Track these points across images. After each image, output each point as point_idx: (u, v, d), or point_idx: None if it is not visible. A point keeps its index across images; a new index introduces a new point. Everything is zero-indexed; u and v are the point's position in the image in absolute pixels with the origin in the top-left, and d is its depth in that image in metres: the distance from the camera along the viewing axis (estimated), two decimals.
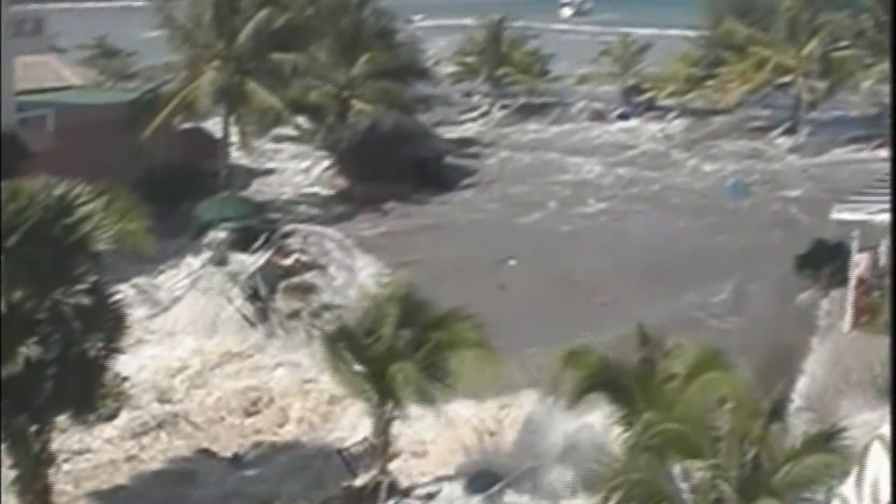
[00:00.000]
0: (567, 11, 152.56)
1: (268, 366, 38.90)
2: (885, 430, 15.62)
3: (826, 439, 21.17)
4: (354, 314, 30.19)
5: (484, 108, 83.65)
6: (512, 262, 43.11)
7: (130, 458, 32.97)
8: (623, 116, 79.26)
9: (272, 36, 53.05)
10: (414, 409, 29.62)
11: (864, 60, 68.18)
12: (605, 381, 24.60)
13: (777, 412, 21.86)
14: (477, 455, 32.19)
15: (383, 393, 28.82)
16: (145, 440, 33.83)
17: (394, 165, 56.47)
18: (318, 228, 49.60)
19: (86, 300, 25.76)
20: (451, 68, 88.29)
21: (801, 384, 33.30)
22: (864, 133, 68.31)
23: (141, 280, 43.97)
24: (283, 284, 43.24)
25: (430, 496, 30.11)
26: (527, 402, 33.66)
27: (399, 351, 28.85)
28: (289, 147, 66.27)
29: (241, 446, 33.76)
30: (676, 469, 21.42)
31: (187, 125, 56.13)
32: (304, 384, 37.22)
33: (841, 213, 38.08)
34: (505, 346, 29.68)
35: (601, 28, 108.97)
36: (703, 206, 53.39)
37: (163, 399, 36.65)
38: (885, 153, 60.92)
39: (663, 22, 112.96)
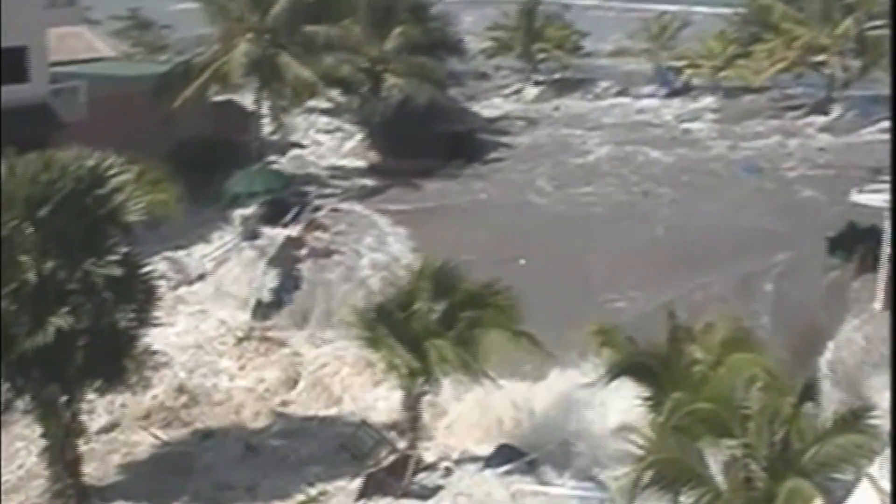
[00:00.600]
0: None
1: (294, 343, 38.81)
2: None
3: (855, 419, 21.08)
4: (386, 290, 30.21)
5: (517, 86, 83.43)
6: (522, 262, 42.15)
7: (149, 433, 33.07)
8: (657, 95, 78.74)
9: (306, 9, 52.96)
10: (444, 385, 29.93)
11: None
12: (635, 364, 24.52)
13: (807, 392, 21.77)
14: (503, 431, 32.23)
15: (415, 369, 28.90)
16: (165, 415, 33.86)
17: (426, 140, 56.35)
18: (348, 204, 49.57)
19: (117, 271, 25.90)
20: (482, 44, 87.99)
21: (832, 364, 33.20)
22: None
23: (172, 252, 44.05)
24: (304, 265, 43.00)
25: (450, 470, 30.17)
26: (555, 381, 33.63)
27: (432, 327, 28.92)
28: (321, 120, 66.22)
29: (263, 423, 33.71)
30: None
31: (220, 98, 56.13)
32: (330, 362, 37.19)
33: (859, 197, 37.96)
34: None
35: (626, 4, 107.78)
36: (724, 186, 52.78)
37: (187, 373, 36.65)
38: None
39: None
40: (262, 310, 40.73)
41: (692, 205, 48.83)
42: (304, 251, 43.50)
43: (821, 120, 68.63)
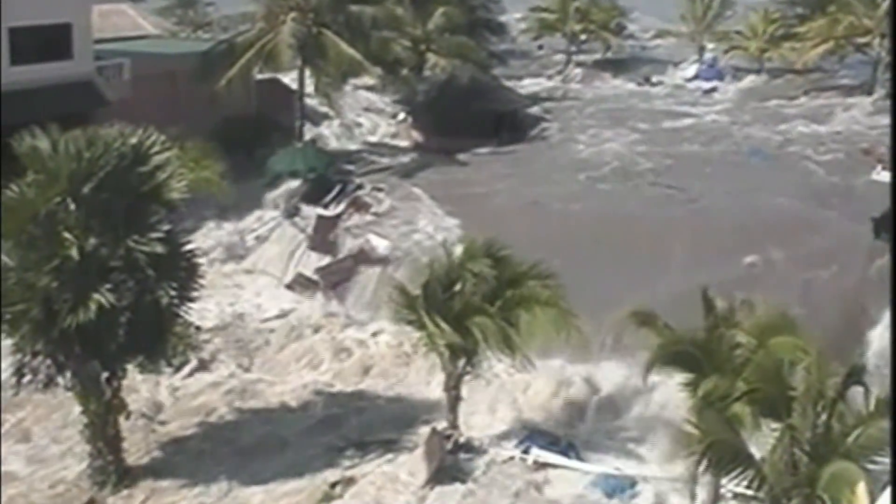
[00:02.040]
0: None
1: (337, 322, 38.84)
2: None
3: None
4: (429, 269, 30.10)
5: (559, 66, 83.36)
6: None
7: (198, 406, 33.20)
8: (699, 79, 78.29)
9: None
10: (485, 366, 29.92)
11: None
12: (677, 351, 24.37)
13: (854, 375, 21.57)
14: (540, 414, 32.21)
15: (457, 348, 28.87)
16: (212, 389, 34.00)
17: (468, 119, 56.28)
18: (392, 182, 49.42)
19: (159, 248, 25.92)
20: (526, 24, 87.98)
21: (876, 347, 32.91)
22: None
23: (214, 228, 44.24)
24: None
25: (485, 452, 30.14)
26: (593, 365, 33.56)
27: (476, 306, 28.85)
28: (365, 97, 66.20)
29: (300, 403, 33.76)
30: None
31: (263, 76, 56.13)
32: (372, 342, 37.17)
33: (880, 175, 37.51)
34: None
35: None
36: (747, 171, 51.84)
37: (227, 351, 36.74)
38: None
39: None
40: (305, 289, 40.87)
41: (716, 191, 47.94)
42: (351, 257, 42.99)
43: (862, 101, 68.27)
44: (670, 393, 26.71)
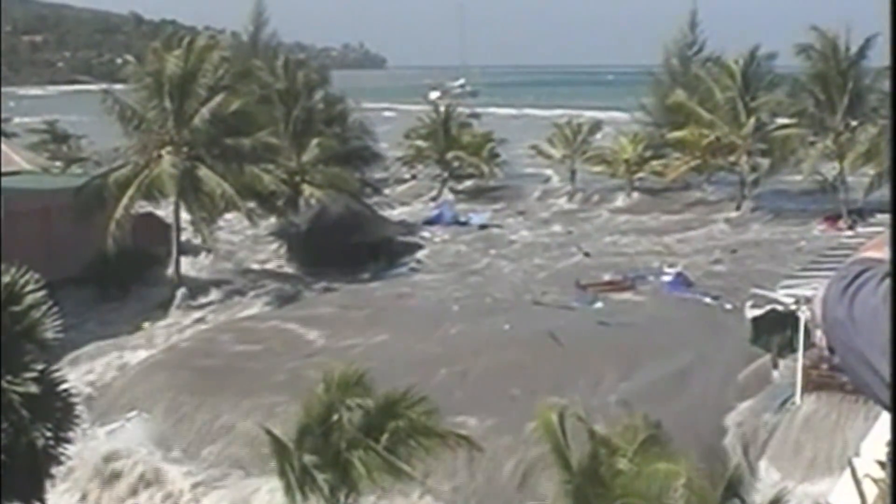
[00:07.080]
0: (434, 94, 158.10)
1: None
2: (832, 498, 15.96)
3: None
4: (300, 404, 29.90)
5: (433, 193, 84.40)
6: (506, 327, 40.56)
7: None
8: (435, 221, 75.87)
9: (224, 121, 53.18)
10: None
11: (807, 138, 69.29)
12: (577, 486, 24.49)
13: (730, 489, 22.00)
14: None
15: (336, 484, 28.66)
16: None
17: (343, 249, 56.56)
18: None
19: (34, 388, 25.67)
20: (400, 152, 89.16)
21: (753, 455, 33.66)
22: (806, 209, 70.07)
23: (87, 364, 43.54)
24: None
25: None
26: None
27: (354, 438, 28.72)
28: (241, 229, 66.24)
29: None
30: None
31: (139, 210, 56.06)
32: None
33: (752, 311, 39.24)
34: None
35: (466, 109, 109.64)
36: None
37: None
38: (823, 227, 62.69)
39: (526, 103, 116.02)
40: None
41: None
42: None
43: (727, 217, 70.74)
44: None
